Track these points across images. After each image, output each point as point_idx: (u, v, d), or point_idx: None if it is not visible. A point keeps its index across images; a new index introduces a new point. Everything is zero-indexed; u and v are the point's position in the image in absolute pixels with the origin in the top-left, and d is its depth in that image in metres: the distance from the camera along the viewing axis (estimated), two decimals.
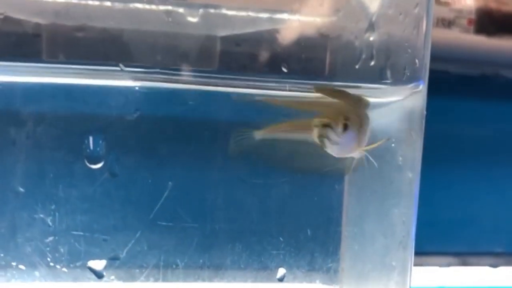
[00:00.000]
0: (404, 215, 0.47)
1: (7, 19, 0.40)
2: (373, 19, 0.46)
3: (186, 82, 0.43)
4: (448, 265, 0.90)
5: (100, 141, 0.43)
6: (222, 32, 0.44)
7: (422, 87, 0.47)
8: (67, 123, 0.43)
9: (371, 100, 0.46)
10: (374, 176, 0.48)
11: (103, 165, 0.43)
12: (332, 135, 0.42)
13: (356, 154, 0.45)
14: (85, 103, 0.43)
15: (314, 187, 0.49)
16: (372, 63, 0.46)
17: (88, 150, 0.42)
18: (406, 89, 0.47)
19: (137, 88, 0.43)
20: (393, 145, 0.48)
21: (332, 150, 0.43)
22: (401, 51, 0.47)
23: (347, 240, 0.50)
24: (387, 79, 0.47)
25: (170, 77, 0.43)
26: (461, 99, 0.87)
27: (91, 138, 0.42)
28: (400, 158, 0.47)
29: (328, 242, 0.49)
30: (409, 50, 0.46)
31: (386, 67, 0.47)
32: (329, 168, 0.47)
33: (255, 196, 0.47)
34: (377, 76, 0.47)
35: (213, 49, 0.43)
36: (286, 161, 0.47)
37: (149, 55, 0.42)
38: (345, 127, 0.43)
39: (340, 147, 0.43)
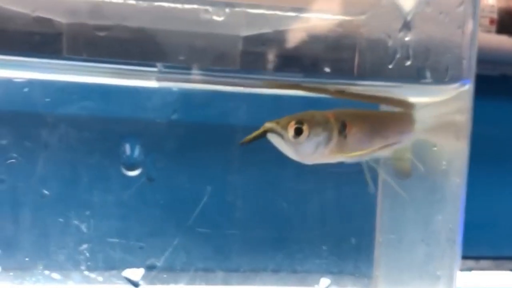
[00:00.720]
0: (451, 221, 0.45)
1: (39, 19, 0.39)
2: (408, 18, 0.45)
3: (208, 82, 0.42)
4: (469, 269, 0.89)
5: (137, 145, 0.41)
6: (247, 32, 0.42)
7: (469, 87, 0.45)
8: (102, 126, 0.41)
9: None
10: (413, 181, 0.46)
11: (140, 169, 0.41)
12: (276, 140, 0.38)
13: (340, 159, 0.41)
14: (120, 105, 0.42)
15: (345, 193, 0.47)
16: (408, 63, 0.45)
17: (124, 155, 0.41)
18: (449, 90, 0.45)
19: (174, 89, 0.41)
20: (435, 148, 0.46)
21: (292, 155, 0.39)
22: (443, 51, 0.45)
23: (382, 247, 0.49)
24: (426, 79, 0.45)
25: (195, 76, 0.41)
26: (480, 99, 0.85)
27: (127, 142, 0.41)
28: (444, 163, 0.46)
29: (361, 249, 0.48)
30: (455, 50, 0.44)
31: (425, 67, 0.45)
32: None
33: (287, 200, 0.45)
34: (414, 76, 0.45)
35: (236, 49, 0.42)
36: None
37: (174, 54, 0.41)
38: (298, 132, 0.38)
39: (298, 153, 0.39)
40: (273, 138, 0.38)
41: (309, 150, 0.39)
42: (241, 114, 0.43)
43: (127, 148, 0.41)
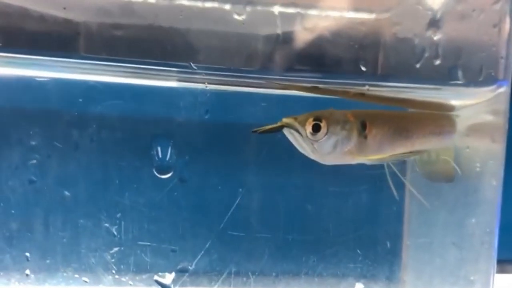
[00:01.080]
0: (486, 224, 0.44)
1: (61, 18, 0.38)
2: (437, 16, 0.44)
3: (231, 83, 0.41)
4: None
5: (169, 146, 0.40)
6: (268, 31, 0.41)
7: (506, 88, 0.44)
8: (133, 126, 0.40)
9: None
10: (444, 184, 0.45)
11: (172, 171, 0.40)
12: (293, 136, 0.37)
13: (361, 161, 0.39)
14: (151, 106, 0.41)
15: (376, 195, 0.46)
16: (438, 62, 0.44)
17: (156, 157, 0.40)
18: (484, 90, 0.44)
19: (207, 90, 0.40)
20: (467, 150, 0.45)
21: (309, 154, 0.37)
22: (476, 50, 0.44)
23: (410, 251, 0.48)
24: (457, 80, 0.44)
25: (218, 78, 0.41)
26: None
27: (159, 143, 0.40)
28: (478, 165, 0.44)
29: (388, 253, 0.47)
30: (491, 49, 0.43)
31: (457, 67, 0.44)
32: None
33: (319, 204, 0.45)
34: (445, 77, 0.44)
35: (257, 48, 0.41)
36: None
37: (193, 54, 0.40)
38: (316, 129, 0.36)
39: (315, 151, 0.37)
40: (289, 134, 0.37)
41: (327, 149, 0.37)
42: (274, 115, 0.42)
43: (159, 149, 0.40)
